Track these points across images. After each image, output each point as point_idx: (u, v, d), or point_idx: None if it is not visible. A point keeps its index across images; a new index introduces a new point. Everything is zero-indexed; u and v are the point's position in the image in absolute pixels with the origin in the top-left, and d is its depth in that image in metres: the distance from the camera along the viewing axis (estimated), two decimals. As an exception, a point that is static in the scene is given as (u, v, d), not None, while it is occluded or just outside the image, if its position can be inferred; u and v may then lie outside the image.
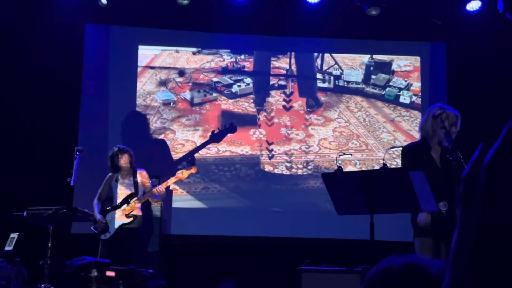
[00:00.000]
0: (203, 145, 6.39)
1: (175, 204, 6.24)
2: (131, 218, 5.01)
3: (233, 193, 6.37)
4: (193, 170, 5.30)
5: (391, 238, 4.47)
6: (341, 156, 5.93)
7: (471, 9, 6.12)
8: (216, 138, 6.40)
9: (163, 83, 6.57)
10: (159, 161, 6.15)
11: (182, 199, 6.30)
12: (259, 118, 6.54)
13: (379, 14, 6.03)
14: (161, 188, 5.09)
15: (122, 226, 5.01)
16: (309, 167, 6.45)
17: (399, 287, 0.90)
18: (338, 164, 3.86)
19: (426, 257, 0.98)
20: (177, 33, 6.58)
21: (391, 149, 4.10)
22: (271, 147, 6.46)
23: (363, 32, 6.46)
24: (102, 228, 4.99)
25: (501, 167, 0.54)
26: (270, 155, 6.45)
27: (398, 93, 6.62)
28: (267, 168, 6.44)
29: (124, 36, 6.51)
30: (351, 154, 6.32)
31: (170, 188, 6.21)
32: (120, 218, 5.05)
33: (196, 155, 6.39)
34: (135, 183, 5.12)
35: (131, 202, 5.04)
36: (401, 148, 3.96)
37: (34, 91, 6.05)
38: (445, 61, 6.46)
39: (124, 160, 5.09)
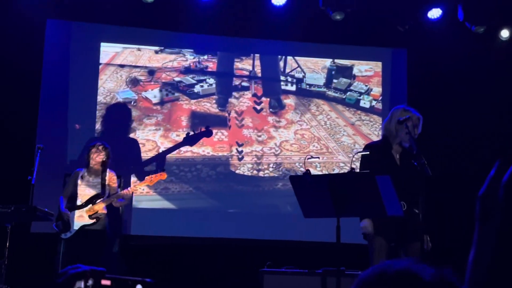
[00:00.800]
0: (175, 147, 6.33)
1: (135, 204, 6.16)
2: (94, 220, 4.91)
3: (194, 194, 6.34)
4: (163, 176, 5.19)
5: (353, 241, 4.53)
6: (309, 159, 5.98)
7: (432, 17, 6.29)
8: (190, 141, 6.35)
9: (134, 81, 6.46)
10: (123, 160, 6.05)
11: (142, 199, 6.22)
12: (228, 119, 6.52)
13: (343, 19, 6.12)
14: (129, 191, 5.00)
15: (84, 227, 4.90)
16: (270, 169, 6.48)
17: None
18: (305, 168, 3.91)
19: (420, 263, 1.00)
20: (139, 31, 6.49)
21: (357, 154, 4.16)
22: (237, 148, 6.45)
23: (326, 36, 6.55)
24: (64, 225, 4.87)
25: None
26: (240, 157, 6.44)
27: (359, 98, 6.74)
28: (229, 169, 6.43)
29: (86, 33, 6.38)
30: (319, 157, 6.39)
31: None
32: (81, 219, 4.94)
33: (154, 155, 6.32)
34: (103, 184, 5.02)
35: (96, 203, 4.94)
36: (367, 153, 4.03)
37: None
38: (406, 67, 6.61)
39: (100, 158, 5.00)
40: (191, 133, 6.33)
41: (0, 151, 5.65)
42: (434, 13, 6.27)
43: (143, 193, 6.20)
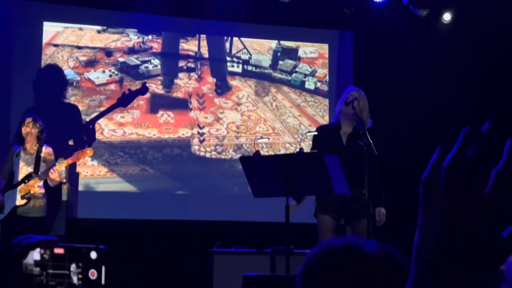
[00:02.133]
0: (109, 109, 6.21)
1: (81, 188, 6.05)
2: (25, 200, 4.77)
3: (140, 176, 6.28)
4: (89, 152, 5.01)
5: (301, 220, 4.63)
6: (258, 140, 6.03)
7: (378, 0, 6.43)
8: (124, 100, 6.23)
9: (91, 62, 6.29)
10: (64, 138, 5.93)
11: (88, 182, 6.12)
12: (190, 101, 6.46)
13: (290, 0, 6.17)
14: (53, 172, 4.81)
15: (18, 210, 4.77)
16: (217, 151, 6.50)
17: (339, 265, 0.95)
18: (255, 149, 3.96)
19: (362, 237, 1.05)
20: (82, 10, 6.31)
21: (306, 134, 4.27)
22: (199, 130, 6.41)
23: (273, 18, 6.58)
24: None
25: (459, 170, 0.58)
26: (201, 139, 6.41)
27: (304, 79, 6.83)
28: (176, 151, 6.41)
29: (28, 12, 6.15)
30: (268, 138, 6.45)
31: (76, 171, 6.02)
32: (18, 199, 4.82)
33: (101, 137, 6.21)
34: (37, 160, 4.87)
35: (27, 182, 4.80)
36: (315, 132, 4.14)
37: None
38: (352, 50, 6.74)
39: (30, 131, 4.84)
40: (127, 92, 6.23)
41: None
42: (380, -5, 6.42)
43: (86, 176, 6.10)
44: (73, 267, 0.93)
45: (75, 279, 0.92)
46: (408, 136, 6.35)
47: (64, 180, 5.30)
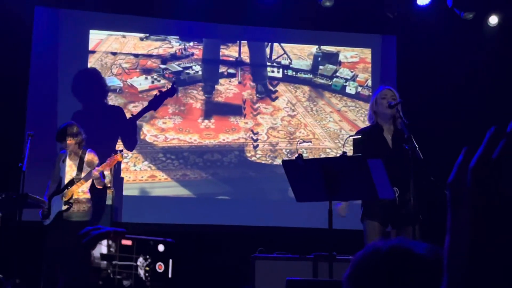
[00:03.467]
0: (141, 113, 6.32)
1: (125, 192, 6.14)
2: (67, 206, 4.84)
3: (182, 181, 6.34)
4: (118, 158, 4.90)
5: (345, 226, 4.58)
6: (300, 144, 6.01)
7: (421, 4, 6.33)
8: (154, 104, 6.34)
9: (134, 69, 6.42)
10: (111, 142, 6.05)
11: (131, 187, 6.21)
12: (244, 107, 6.50)
13: (332, 5, 6.14)
14: (96, 172, 4.88)
15: (63, 216, 4.85)
16: (257, 156, 6.50)
17: (387, 268, 0.93)
18: (298, 152, 3.94)
19: (412, 240, 1.02)
20: (125, 18, 6.44)
21: (350, 137, 4.20)
22: (253, 136, 6.45)
23: (314, 23, 6.56)
24: (44, 212, 4.84)
25: (485, 171, 0.56)
26: (255, 144, 6.45)
27: (345, 84, 6.78)
28: (217, 156, 6.44)
29: (74, 20, 6.32)
30: (310, 142, 6.42)
31: (121, 176, 6.13)
32: (60, 204, 4.91)
33: (143, 142, 6.30)
34: (80, 165, 4.95)
35: (70, 187, 4.88)
36: (358, 137, 4.07)
37: None
38: (396, 54, 6.66)
39: (71, 143, 4.92)
40: (158, 93, 6.31)
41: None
42: (423, 0, 6.32)
43: (129, 181, 6.19)
44: (140, 260, 0.92)
45: (142, 272, 0.91)
46: (453, 141, 6.21)
47: (109, 185, 5.38)
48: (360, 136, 4.06)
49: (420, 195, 3.81)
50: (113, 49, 6.46)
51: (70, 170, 4.96)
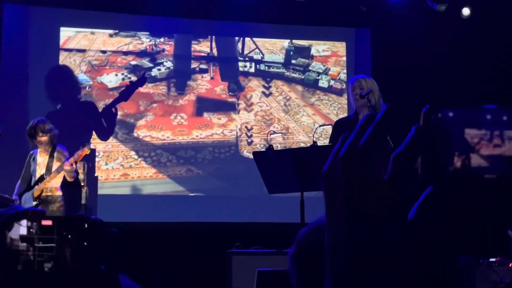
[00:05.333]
0: (112, 103, 6.23)
1: (99, 191, 6.05)
2: (36, 202, 4.75)
3: (155, 179, 6.25)
4: (87, 151, 4.83)
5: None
6: (271, 135, 5.98)
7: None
8: (124, 94, 6.26)
9: (103, 66, 6.31)
10: (86, 139, 5.95)
11: (104, 186, 6.11)
12: (237, 104, 6.44)
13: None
14: (66, 165, 4.77)
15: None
16: (231, 152, 6.45)
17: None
18: (268, 143, 3.90)
19: None
20: (93, 14, 6.33)
21: (320, 127, 4.18)
22: (247, 133, 6.39)
23: (286, 17, 6.53)
24: None
25: (353, 159, 0.53)
26: (249, 141, 6.38)
27: (317, 78, 6.77)
28: (190, 153, 6.37)
29: (44, 17, 6.20)
30: (281, 133, 6.39)
31: (95, 175, 6.04)
32: (30, 202, 4.82)
33: (114, 141, 6.20)
34: (50, 162, 4.85)
35: (40, 184, 4.79)
36: (329, 126, 4.05)
37: None
38: (370, 47, 6.67)
39: (41, 140, 4.83)
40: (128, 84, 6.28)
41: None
42: (397, -9, 6.34)
43: (101, 180, 6.09)
44: (61, 240, 0.85)
45: (65, 252, 0.84)
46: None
47: (83, 183, 5.29)
48: (329, 125, 4.05)
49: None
50: (81, 46, 6.34)
51: (40, 166, 4.87)
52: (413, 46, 6.43)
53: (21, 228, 0.84)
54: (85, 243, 0.87)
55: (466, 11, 6.51)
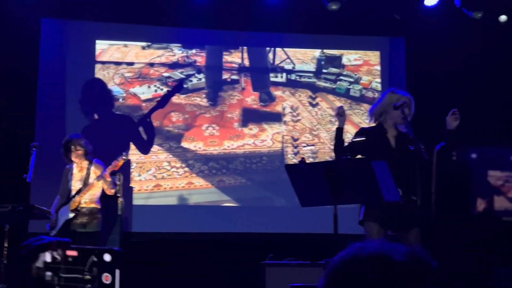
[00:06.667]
0: (149, 113, 6.30)
1: (135, 202, 6.13)
2: (73, 214, 4.83)
3: (187, 189, 6.30)
4: (123, 160, 4.89)
5: (354, 232, 4.51)
6: (304, 148, 5.97)
7: (429, 4, 6.27)
8: (161, 102, 6.34)
9: (136, 78, 6.42)
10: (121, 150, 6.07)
11: (137, 197, 6.18)
12: (283, 114, 6.47)
13: (339, 8, 6.11)
14: (105, 174, 4.85)
15: (69, 223, 4.82)
16: (263, 162, 6.45)
17: (366, 277, 0.89)
18: (301, 156, 3.89)
19: (391, 244, 0.97)
20: (126, 27, 6.44)
21: (353, 141, 4.14)
22: (292, 143, 6.41)
23: (319, 26, 6.53)
24: (52, 225, 4.84)
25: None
26: (295, 151, 6.40)
27: (349, 87, 6.73)
28: (221, 164, 6.40)
29: (80, 31, 6.34)
30: (313, 145, 6.37)
31: (130, 185, 6.12)
32: (67, 214, 4.89)
33: (138, 155, 6.28)
34: (87, 176, 4.94)
35: (77, 196, 4.87)
36: (362, 139, 4.01)
37: None
38: (404, 56, 6.61)
39: (77, 154, 4.92)
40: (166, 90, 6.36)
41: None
42: (431, 0, 6.25)
43: (138, 191, 6.17)
44: (86, 272, 0.86)
45: (88, 285, 0.85)
46: (464, 144, 6.13)
47: (119, 194, 5.36)
48: (363, 138, 4.00)
49: (426, 196, 3.74)
50: (115, 59, 6.45)
51: (77, 181, 4.96)
52: (449, 54, 6.34)
53: (47, 255, 0.86)
54: (107, 274, 0.88)
55: (503, 18, 6.38)
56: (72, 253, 0.88)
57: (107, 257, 0.90)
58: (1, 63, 5.90)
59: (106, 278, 0.89)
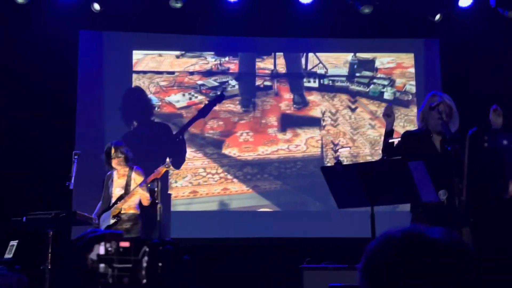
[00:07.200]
0: (191, 122, 6.41)
1: (173, 208, 6.23)
2: (114, 220, 4.92)
3: (223, 195, 6.36)
4: (166, 168, 4.95)
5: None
6: (338, 150, 5.97)
7: (464, 5, 6.21)
8: (203, 111, 6.42)
9: (171, 87, 6.55)
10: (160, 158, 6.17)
11: (175, 203, 6.28)
12: (323, 119, 6.53)
13: (372, 11, 6.11)
14: (149, 179, 4.92)
15: (110, 228, 4.93)
16: (297, 167, 6.47)
17: (402, 254, 0.90)
18: (337, 158, 3.89)
19: (426, 226, 0.98)
20: (161, 36, 6.57)
21: (390, 140, 4.12)
22: (333, 148, 6.45)
23: (351, 30, 6.54)
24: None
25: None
26: (335, 155, 6.43)
27: (382, 90, 6.71)
28: (256, 169, 6.44)
29: (117, 42, 6.51)
30: (349, 147, 6.37)
31: (168, 192, 6.21)
32: (109, 220, 4.99)
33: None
34: (127, 182, 5.04)
35: (118, 203, 4.96)
36: (398, 139, 4.00)
37: (31, 98, 6.06)
38: (439, 58, 6.56)
39: (117, 160, 5.02)
40: (206, 102, 6.43)
41: (41, 159, 5.81)
42: (465, 1, 6.19)
43: (175, 197, 6.26)
44: (139, 261, 0.90)
45: (141, 273, 0.89)
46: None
47: (157, 201, 5.44)
48: (399, 139, 3.99)
49: (471, 197, 3.69)
50: (150, 68, 6.58)
51: (118, 187, 5.06)
52: (484, 55, 6.26)
53: (101, 248, 0.90)
54: (160, 265, 0.91)
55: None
56: (124, 244, 0.92)
57: (158, 248, 0.94)
58: (42, 75, 6.10)
59: (157, 267, 0.93)
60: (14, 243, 4.63)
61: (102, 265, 0.89)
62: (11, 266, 4.06)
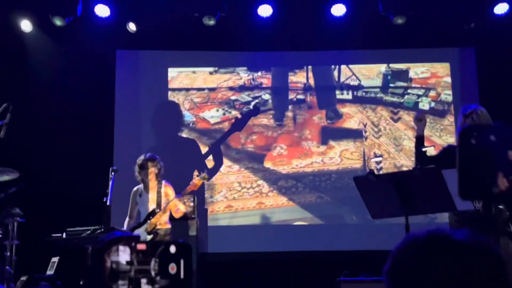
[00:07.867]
0: (226, 135, 6.45)
1: (210, 223, 6.27)
2: (152, 235, 4.94)
3: (258, 209, 6.37)
4: (201, 180, 4.99)
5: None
6: (372, 160, 5.92)
7: (499, 12, 6.12)
8: (238, 125, 6.47)
9: (205, 103, 6.65)
10: (186, 173, 6.23)
11: (211, 218, 6.32)
12: (364, 130, 6.55)
13: (404, 22, 6.07)
14: (187, 190, 4.95)
15: None
16: (332, 179, 6.44)
17: (427, 256, 0.90)
18: (369, 168, 3.87)
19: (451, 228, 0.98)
20: (194, 54, 6.68)
21: (423, 149, 4.08)
22: (375, 160, 6.45)
23: (385, 41, 6.51)
24: None
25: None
26: (378, 167, 6.43)
27: (417, 100, 6.64)
28: (291, 182, 6.44)
29: (152, 60, 6.66)
30: (381, 155, 6.32)
31: (205, 207, 6.27)
32: (143, 236, 5.00)
33: (217, 174, 6.41)
34: (158, 197, 5.06)
35: (152, 218, 4.97)
36: (431, 147, 3.95)
37: (70, 116, 6.26)
38: (475, 67, 6.46)
39: (151, 171, 5.04)
40: (239, 116, 6.41)
41: (80, 175, 5.98)
42: (501, 8, 6.10)
43: (211, 212, 6.30)
44: (153, 262, 0.93)
45: (155, 274, 0.92)
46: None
47: (193, 216, 5.46)
48: (433, 146, 3.94)
49: (464, 194, 3.60)
50: (184, 85, 6.68)
51: (150, 202, 5.08)
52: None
53: (120, 252, 0.93)
54: (173, 265, 0.94)
55: None
56: (141, 246, 0.96)
57: (172, 249, 0.97)
58: (80, 94, 6.29)
59: (172, 268, 0.96)
60: (55, 259, 4.73)
61: (122, 265, 0.93)
62: (53, 282, 4.15)
